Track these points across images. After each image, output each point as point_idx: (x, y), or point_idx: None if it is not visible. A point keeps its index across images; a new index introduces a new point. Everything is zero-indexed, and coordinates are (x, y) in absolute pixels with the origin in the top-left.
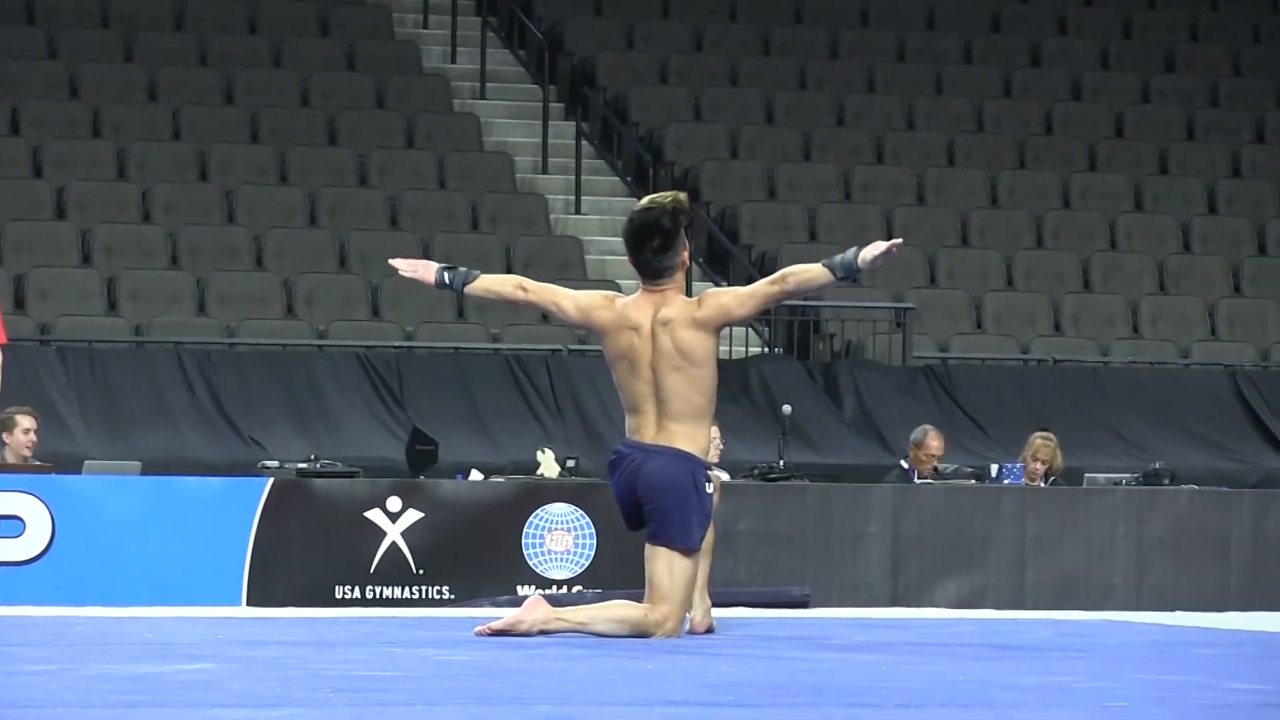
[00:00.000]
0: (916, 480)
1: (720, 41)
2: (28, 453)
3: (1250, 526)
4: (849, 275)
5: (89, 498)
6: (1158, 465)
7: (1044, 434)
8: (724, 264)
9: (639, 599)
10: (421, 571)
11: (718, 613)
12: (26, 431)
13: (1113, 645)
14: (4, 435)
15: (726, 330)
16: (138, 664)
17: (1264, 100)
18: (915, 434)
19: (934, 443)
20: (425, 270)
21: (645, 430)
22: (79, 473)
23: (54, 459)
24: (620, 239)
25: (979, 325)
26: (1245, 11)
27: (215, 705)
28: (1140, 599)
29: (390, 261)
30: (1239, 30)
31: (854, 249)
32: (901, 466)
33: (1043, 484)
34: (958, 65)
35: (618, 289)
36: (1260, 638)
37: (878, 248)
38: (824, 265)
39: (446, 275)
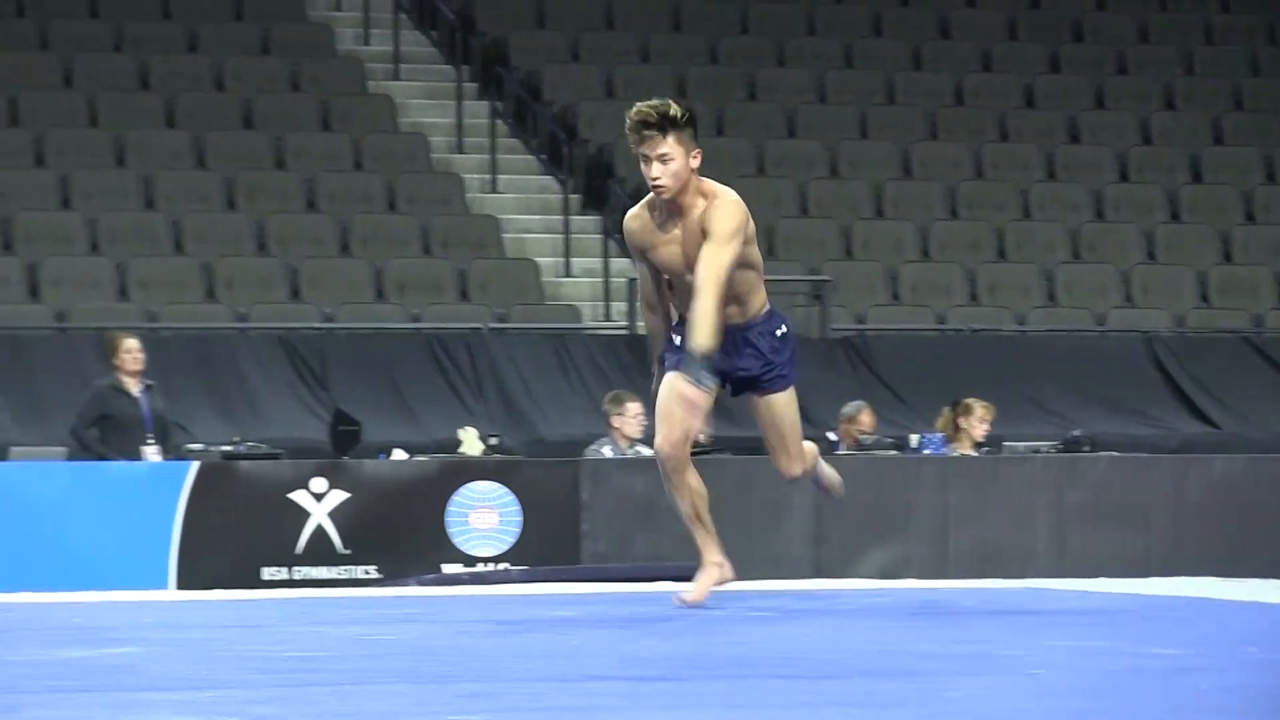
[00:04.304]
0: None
1: (632, 17)
2: None
3: (1170, 492)
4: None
5: (14, 484)
6: (1077, 433)
7: (976, 401)
8: None
9: (567, 576)
10: (348, 551)
11: (643, 588)
12: None
13: (1033, 612)
14: None
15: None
16: (64, 649)
17: (1172, 67)
18: (848, 408)
19: (866, 418)
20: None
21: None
22: (3, 459)
23: None
24: (537, 217)
25: (895, 297)
26: None
27: (141, 689)
28: (1061, 566)
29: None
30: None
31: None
32: (829, 439)
33: (975, 452)
34: (867, 38)
35: (535, 267)
36: (1178, 603)
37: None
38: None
39: (698, 376)
